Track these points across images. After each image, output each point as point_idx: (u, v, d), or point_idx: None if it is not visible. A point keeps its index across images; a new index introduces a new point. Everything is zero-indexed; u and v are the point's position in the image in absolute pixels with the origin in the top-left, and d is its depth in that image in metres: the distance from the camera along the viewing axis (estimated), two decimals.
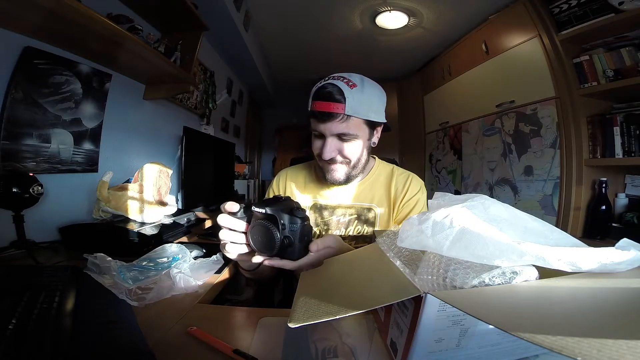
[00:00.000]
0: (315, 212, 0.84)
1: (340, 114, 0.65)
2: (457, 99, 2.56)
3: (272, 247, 0.51)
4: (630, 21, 1.32)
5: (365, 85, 0.68)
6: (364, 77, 0.71)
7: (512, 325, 0.24)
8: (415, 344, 0.33)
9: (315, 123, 0.69)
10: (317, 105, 0.66)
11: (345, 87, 0.65)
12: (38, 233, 0.90)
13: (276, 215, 0.51)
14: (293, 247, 0.53)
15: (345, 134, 0.68)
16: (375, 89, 0.72)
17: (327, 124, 0.67)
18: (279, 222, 0.51)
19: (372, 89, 0.70)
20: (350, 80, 0.67)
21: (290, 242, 0.52)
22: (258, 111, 4.54)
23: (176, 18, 1.42)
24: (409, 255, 0.42)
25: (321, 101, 0.66)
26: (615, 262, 0.32)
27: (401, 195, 0.81)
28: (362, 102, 0.66)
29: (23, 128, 0.91)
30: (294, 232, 0.52)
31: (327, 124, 0.67)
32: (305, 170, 0.90)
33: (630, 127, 1.38)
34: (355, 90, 0.66)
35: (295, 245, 0.53)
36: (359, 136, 0.70)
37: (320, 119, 0.67)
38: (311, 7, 2.14)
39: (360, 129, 0.70)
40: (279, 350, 0.43)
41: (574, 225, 1.54)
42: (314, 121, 0.70)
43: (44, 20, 0.83)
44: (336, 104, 0.64)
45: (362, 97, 0.66)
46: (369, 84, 0.70)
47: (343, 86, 0.65)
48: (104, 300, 0.54)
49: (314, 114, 0.68)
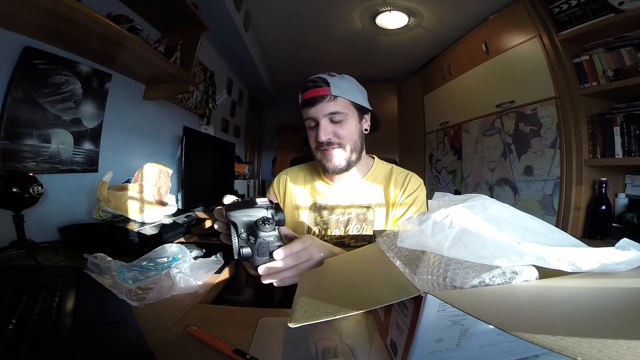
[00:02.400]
0: (315, 211, 0.85)
1: (327, 95, 0.73)
2: (457, 99, 2.56)
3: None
4: (630, 21, 1.32)
5: (345, 76, 0.78)
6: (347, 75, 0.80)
7: (512, 325, 0.24)
8: (415, 344, 0.33)
9: (307, 111, 0.76)
10: (306, 94, 0.75)
11: (327, 76, 0.76)
12: (38, 233, 0.90)
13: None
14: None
15: (336, 113, 0.74)
16: (354, 81, 0.81)
17: (317, 106, 0.74)
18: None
19: (351, 79, 0.80)
20: (330, 73, 0.77)
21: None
22: (258, 111, 4.54)
23: (176, 18, 1.43)
24: (409, 255, 0.42)
25: (309, 90, 0.74)
26: (615, 262, 0.32)
27: (400, 194, 0.81)
28: (344, 86, 0.75)
29: (23, 128, 0.91)
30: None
31: (318, 106, 0.74)
32: (304, 171, 0.91)
33: (630, 127, 1.38)
34: (336, 78, 0.76)
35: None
36: (349, 116, 0.76)
37: (312, 104, 0.74)
38: (311, 7, 2.14)
39: (349, 110, 0.76)
40: (279, 350, 0.43)
41: (574, 225, 1.54)
42: (306, 110, 0.76)
43: (44, 20, 0.83)
44: (323, 88, 0.73)
45: (343, 83, 0.76)
46: (347, 76, 0.80)
47: (325, 76, 0.76)
48: (104, 300, 0.54)
49: (304, 103, 0.76)
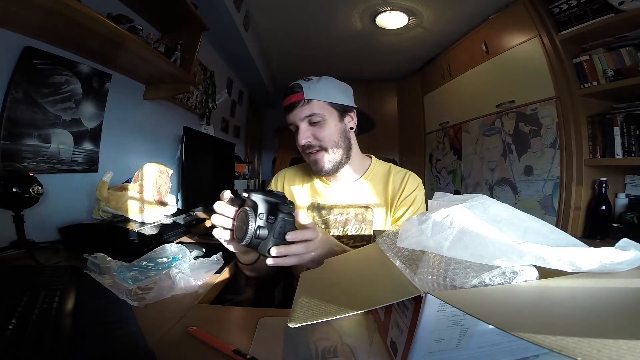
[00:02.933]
0: (313, 211, 0.85)
1: (300, 100, 0.75)
2: (457, 99, 2.56)
3: (244, 234, 0.50)
4: (630, 21, 1.32)
5: (322, 78, 0.79)
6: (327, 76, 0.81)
7: (512, 325, 0.24)
8: (415, 344, 0.33)
9: (288, 117, 0.79)
10: (285, 102, 0.78)
11: (302, 81, 0.77)
12: (38, 233, 0.90)
13: (257, 203, 0.50)
14: (266, 241, 0.51)
15: (311, 115, 0.76)
16: (333, 81, 0.81)
17: (294, 112, 0.76)
18: (257, 211, 0.50)
19: (329, 80, 0.80)
20: (308, 77, 0.78)
21: (264, 234, 0.50)
22: (258, 111, 4.53)
23: (176, 18, 1.42)
24: (409, 255, 0.42)
25: (286, 97, 0.77)
26: (615, 262, 0.32)
27: (398, 193, 0.81)
28: (318, 88, 0.76)
29: (23, 128, 0.91)
30: (271, 224, 0.51)
31: (294, 111, 0.76)
32: (303, 170, 0.92)
33: (630, 127, 1.38)
34: (311, 82, 0.77)
35: (269, 240, 0.51)
36: (326, 117, 0.77)
37: (289, 111, 0.77)
38: (311, 7, 2.14)
39: (326, 111, 0.77)
40: (279, 350, 0.43)
41: (574, 225, 1.54)
42: (287, 116, 0.79)
43: (44, 20, 0.83)
44: (296, 94, 0.76)
45: (318, 85, 0.77)
46: (326, 77, 0.80)
47: (300, 81, 0.78)
48: (104, 300, 0.54)
49: (284, 110, 0.78)
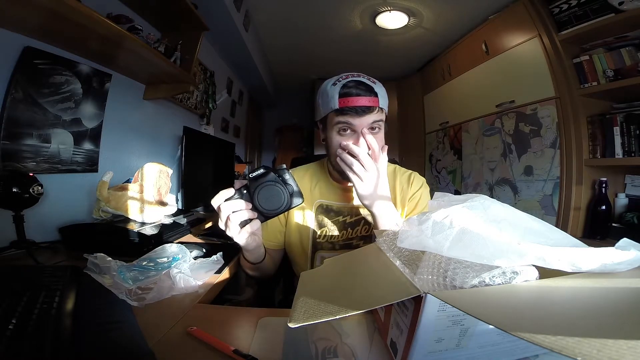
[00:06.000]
0: (322, 213, 0.82)
1: (376, 107, 0.68)
2: (457, 99, 2.56)
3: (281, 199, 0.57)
4: (630, 21, 1.32)
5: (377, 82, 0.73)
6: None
7: (512, 325, 0.24)
8: (415, 344, 0.33)
9: (348, 118, 0.69)
10: (351, 101, 0.67)
11: (370, 82, 0.70)
12: (38, 233, 0.90)
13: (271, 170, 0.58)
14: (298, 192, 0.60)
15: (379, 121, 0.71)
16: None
17: (364, 118, 0.68)
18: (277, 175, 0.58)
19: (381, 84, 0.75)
20: (369, 77, 0.71)
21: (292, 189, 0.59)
22: (258, 111, 4.54)
23: (176, 18, 1.42)
24: (409, 255, 0.42)
25: (356, 97, 0.67)
26: (615, 262, 0.32)
27: (407, 193, 0.81)
28: (383, 95, 0.71)
29: (23, 128, 0.91)
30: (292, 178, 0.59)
31: (365, 116, 0.68)
32: (310, 172, 0.88)
33: (630, 127, 1.38)
34: (378, 85, 0.71)
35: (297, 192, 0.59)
36: (382, 124, 0.73)
37: (359, 114, 0.68)
38: (311, 7, 2.14)
39: (384, 118, 0.74)
40: (279, 350, 0.43)
41: (574, 225, 1.54)
42: (346, 117, 0.69)
43: (44, 20, 0.83)
44: (373, 97, 0.68)
45: (382, 91, 0.71)
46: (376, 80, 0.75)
47: (369, 82, 0.70)
48: (104, 300, 0.54)
49: (345, 110, 0.68)
